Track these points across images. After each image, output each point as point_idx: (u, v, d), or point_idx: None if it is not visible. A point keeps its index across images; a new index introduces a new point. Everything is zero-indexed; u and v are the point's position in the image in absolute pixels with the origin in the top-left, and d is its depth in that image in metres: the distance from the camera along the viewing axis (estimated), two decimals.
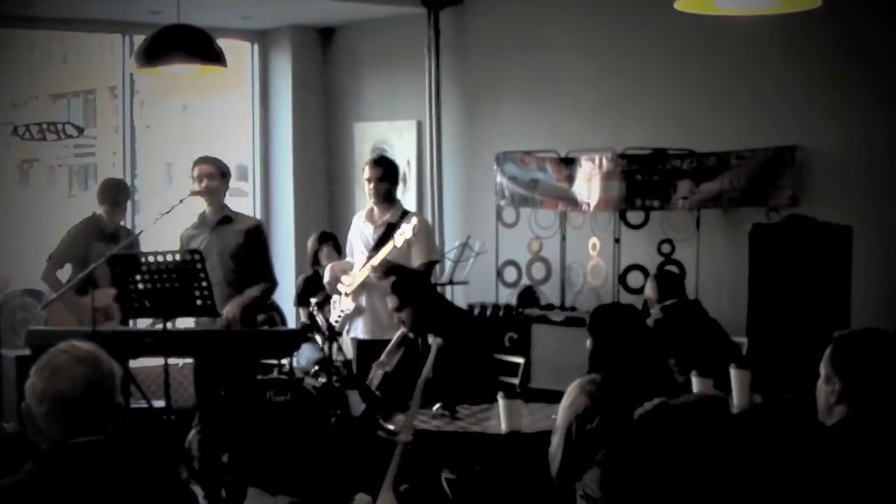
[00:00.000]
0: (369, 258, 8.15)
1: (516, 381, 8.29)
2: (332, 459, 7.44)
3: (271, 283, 8.21)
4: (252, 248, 8.04)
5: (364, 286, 8.21)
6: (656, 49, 9.05)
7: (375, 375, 7.58)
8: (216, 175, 8.05)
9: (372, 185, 8.29)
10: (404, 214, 8.36)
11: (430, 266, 8.27)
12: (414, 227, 7.89)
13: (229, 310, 7.78)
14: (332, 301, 8.50)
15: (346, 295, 8.33)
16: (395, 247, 7.90)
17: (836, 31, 7.88)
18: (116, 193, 8.66)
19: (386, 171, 8.32)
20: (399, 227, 8.16)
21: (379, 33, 11.43)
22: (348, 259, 8.58)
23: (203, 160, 8.10)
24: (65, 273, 8.45)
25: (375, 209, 8.38)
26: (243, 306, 7.88)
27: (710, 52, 8.64)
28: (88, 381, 3.28)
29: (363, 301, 8.28)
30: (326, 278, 8.52)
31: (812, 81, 8.14)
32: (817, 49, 8.07)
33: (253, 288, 7.98)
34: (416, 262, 7.99)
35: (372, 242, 8.26)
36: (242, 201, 11.88)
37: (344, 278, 8.41)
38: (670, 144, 8.69)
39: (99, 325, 7.43)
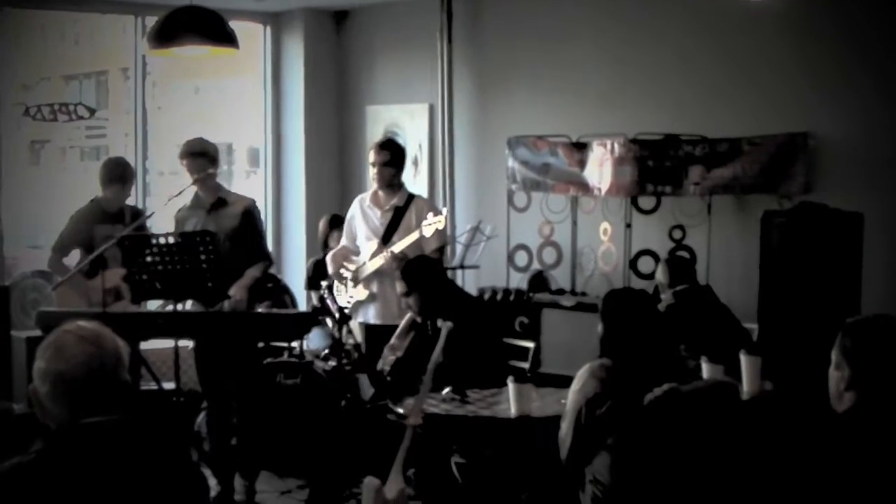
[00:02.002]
0: (384, 244, 8.14)
1: (526, 365, 8.27)
2: (342, 443, 7.45)
3: (269, 262, 8.19)
4: (248, 229, 8.00)
5: (377, 273, 8.20)
6: (669, 35, 9.03)
7: (387, 360, 7.59)
8: (202, 166, 7.88)
9: (377, 170, 8.27)
10: (411, 198, 8.35)
11: (442, 251, 8.28)
12: (445, 218, 7.92)
13: (235, 293, 7.76)
14: (334, 287, 8.43)
15: (356, 283, 8.30)
16: (422, 236, 7.90)
17: (850, 18, 7.87)
18: (124, 171, 8.59)
19: (392, 156, 8.29)
20: (408, 210, 8.18)
21: (392, 17, 11.42)
22: (345, 242, 8.53)
23: (185, 154, 7.91)
24: (70, 259, 8.43)
25: (381, 193, 8.36)
26: (247, 288, 7.86)
27: (723, 38, 8.62)
28: (90, 359, 3.27)
29: (375, 287, 8.27)
30: (331, 269, 8.48)
31: (825, 68, 8.12)
32: (830, 36, 8.05)
33: (253, 268, 7.93)
34: (429, 247, 7.99)
35: (381, 227, 8.25)
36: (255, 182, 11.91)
37: (347, 264, 8.38)
38: (682, 130, 8.68)
39: (110, 305, 7.43)
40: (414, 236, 7.95)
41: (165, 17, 7.98)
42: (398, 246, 8.01)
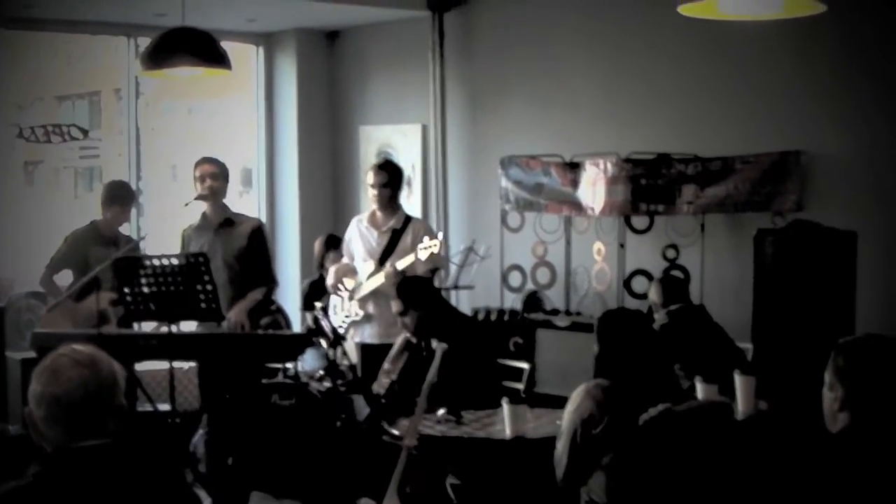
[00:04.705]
0: (381, 265, 8.15)
1: (521, 386, 8.27)
2: (337, 464, 7.43)
3: (273, 284, 8.21)
4: (255, 250, 8.04)
5: (374, 293, 8.21)
6: (661, 53, 9.05)
7: (381, 384, 7.59)
8: (219, 175, 8.08)
9: (376, 191, 8.30)
10: (408, 220, 8.38)
11: (435, 272, 8.29)
12: (441, 244, 7.92)
13: (235, 316, 7.76)
14: (331, 304, 8.45)
15: (352, 300, 8.32)
16: (418, 259, 7.91)
17: (842, 37, 7.88)
18: (125, 193, 8.68)
19: (390, 177, 8.33)
20: (405, 233, 8.20)
21: (384, 36, 11.44)
22: (346, 261, 8.56)
23: (206, 160, 8.12)
24: (62, 279, 8.45)
25: (378, 214, 8.38)
26: (248, 311, 7.87)
27: (716, 57, 8.64)
28: (86, 383, 3.28)
29: (371, 308, 8.28)
30: (330, 280, 8.51)
31: (817, 86, 8.14)
32: (823, 54, 8.07)
33: (256, 291, 7.97)
34: (420, 270, 8.00)
35: (378, 249, 8.27)
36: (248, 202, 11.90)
37: (346, 282, 8.40)
38: (675, 149, 8.69)
39: (96, 328, 7.45)
40: (410, 258, 7.96)
41: (159, 38, 8.00)
42: (400, 264, 8.02)
